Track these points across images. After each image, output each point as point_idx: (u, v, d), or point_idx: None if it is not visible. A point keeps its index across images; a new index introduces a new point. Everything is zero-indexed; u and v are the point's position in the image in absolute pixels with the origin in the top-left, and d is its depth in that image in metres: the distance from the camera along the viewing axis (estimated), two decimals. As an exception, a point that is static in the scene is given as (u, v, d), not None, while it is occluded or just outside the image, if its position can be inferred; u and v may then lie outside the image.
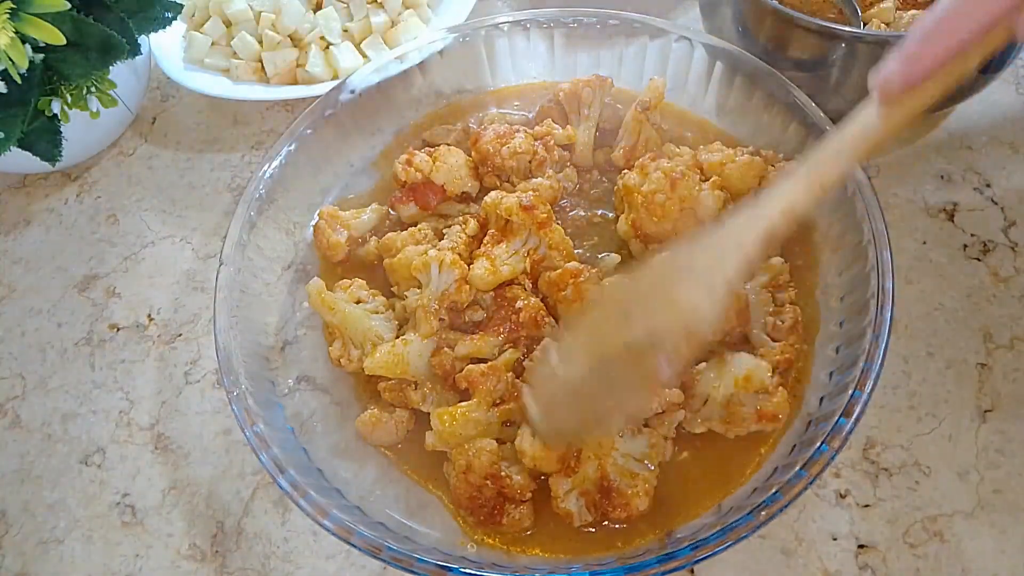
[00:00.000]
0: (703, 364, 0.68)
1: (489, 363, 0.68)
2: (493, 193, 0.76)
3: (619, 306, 0.61)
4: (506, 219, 0.73)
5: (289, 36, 0.98)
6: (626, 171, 0.78)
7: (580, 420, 0.61)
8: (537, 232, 0.73)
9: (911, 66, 0.51)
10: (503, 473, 0.64)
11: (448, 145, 0.84)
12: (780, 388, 0.67)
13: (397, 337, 0.72)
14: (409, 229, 0.78)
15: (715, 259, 0.56)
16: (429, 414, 0.68)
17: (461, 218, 0.78)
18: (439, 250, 0.72)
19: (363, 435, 0.70)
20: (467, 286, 0.71)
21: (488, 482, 0.64)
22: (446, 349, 0.70)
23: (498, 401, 0.67)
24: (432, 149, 0.82)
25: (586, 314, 0.64)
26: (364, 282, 0.76)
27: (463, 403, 0.67)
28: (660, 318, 0.56)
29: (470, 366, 0.68)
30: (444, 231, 0.77)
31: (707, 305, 0.55)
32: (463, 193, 0.82)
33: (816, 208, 0.57)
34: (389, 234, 0.79)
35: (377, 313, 0.74)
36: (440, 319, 0.71)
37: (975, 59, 0.51)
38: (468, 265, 0.72)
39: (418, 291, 0.72)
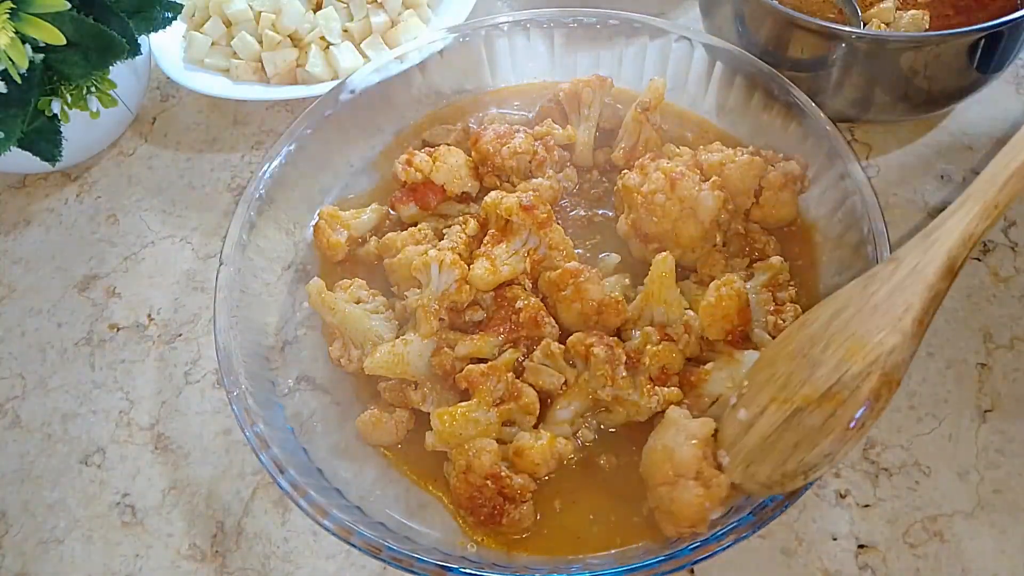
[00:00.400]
0: (711, 364, 0.68)
1: (489, 363, 0.68)
2: (493, 193, 0.76)
3: (802, 352, 0.59)
4: (506, 219, 0.73)
5: (289, 36, 0.98)
6: (626, 171, 0.78)
7: (783, 471, 0.57)
8: (537, 232, 0.73)
9: None
10: (503, 473, 0.64)
11: (448, 145, 0.84)
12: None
13: (397, 337, 0.72)
14: (409, 229, 0.78)
15: (898, 294, 0.54)
16: (429, 414, 0.68)
17: (461, 218, 0.78)
18: (439, 250, 0.72)
19: (363, 435, 0.70)
20: (467, 286, 0.71)
21: (488, 482, 0.64)
22: (446, 349, 0.70)
23: (498, 401, 0.67)
24: (432, 149, 0.82)
25: (769, 364, 0.62)
26: (364, 282, 0.76)
27: (463, 403, 0.67)
28: (851, 361, 0.54)
29: (470, 366, 0.68)
30: (444, 231, 0.77)
31: (899, 342, 0.52)
32: (463, 193, 0.82)
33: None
34: (389, 234, 0.79)
35: (377, 313, 0.74)
36: (440, 319, 0.71)
37: None
38: (468, 265, 0.72)
39: (418, 291, 0.72)
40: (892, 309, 0.54)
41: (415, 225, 0.80)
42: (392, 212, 0.83)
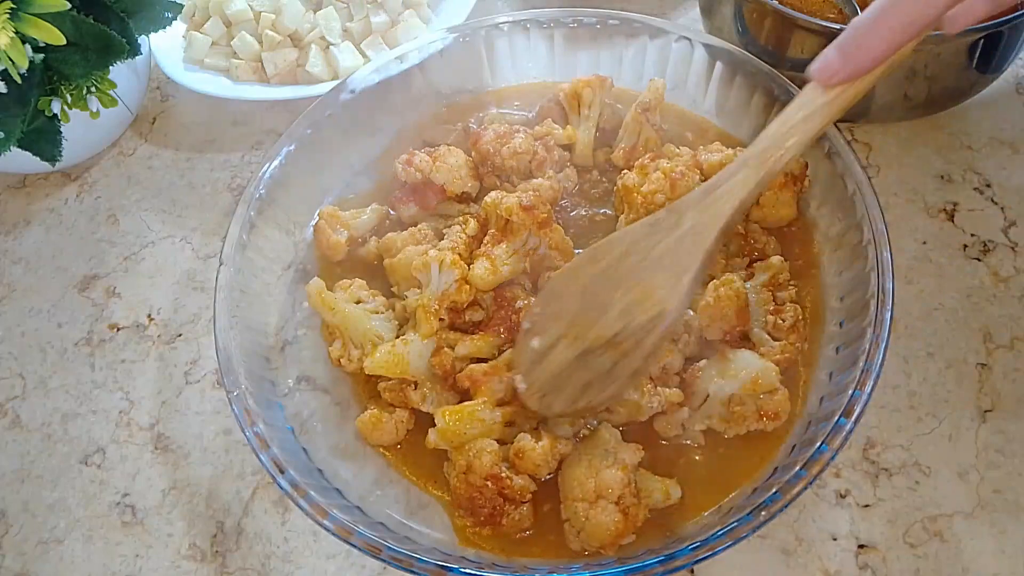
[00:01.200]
0: (704, 361, 0.68)
1: (491, 362, 0.68)
2: (493, 193, 0.76)
3: (592, 290, 0.64)
4: (506, 219, 0.73)
5: (289, 36, 0.98)
6: (626, 171, 0.78)
7: (575, 407, 0.63)
8: (537, 232, 0.73)
9: (849, 62, 0.55)
10: (503, 474, 0.64)
11: (448, 145, 0.84)
12: (781, 387, 0.67)
13: (397, 337, 0.71)
14: (409, 229, 0.78)
15: (678, 252, 0.60)
16: (428, 414, 0.68)
17: (461, 218, 0.78)
18: (439, 250, 0.72)
19: (363, 435, 0.70)
20: (467, 286, 0.71)
21: (488, 483, 0.64)
22: (446, 349, 0.70)
23: (501, 401, 0.67)
24: (432, 149, 0.82)
25: (558, 296, 0.66)
26: (364, 282, 0.76)
27: (469, 401, 0.67)
28: (637, 311, 0.60)
29: (472, 365, 0.68)
30: (444, 231, 0.77)
31: (677, 304, 0.59)
32: (463, 193, 0.82)
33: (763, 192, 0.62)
34: (389, 234, 0.79)
35: (377, 313, 0.74)
36: (440, 319, 0.70)
37: (911, 48, 0.55)
38: (468, 265, 0.72)
39: (418, 291, 0.72)
40: (673, 267, 0.60)
41: (415, 225, 0.80)
42: (392, 212, 0.83)
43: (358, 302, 0.75)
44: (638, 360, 0.61)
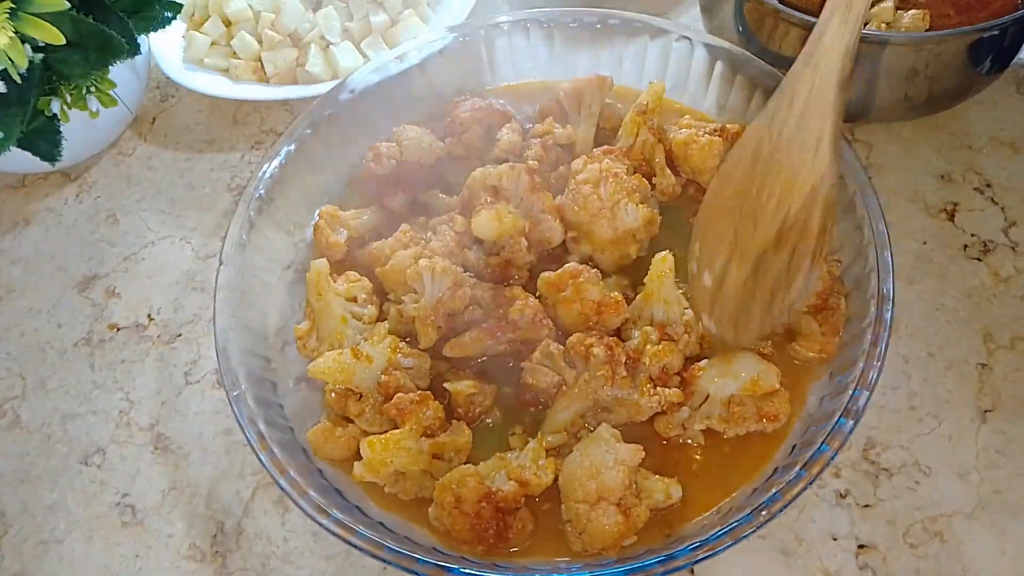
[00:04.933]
0: (704, 361, 0.68)
1: (420, 392, 0.67)
2: (479, 170, 0.76)
3: (737, 206, 0.62)
4: (494, 187, 0.73)
5: (289, 36, 0.98)
6: (579, 158, 0.78)
7: (772, 318, 0.63)
8: (530, 197, 0.73)
9: None
10: (493, 489, 0.63)
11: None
12: (781, 388, 0.67)
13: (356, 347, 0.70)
14: (395, 235, 0.78)
15: (805, 126, 0.58)
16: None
17: (447, 216, 0.78)
18: (430, 256, 0.71)
19: (314, 448, 0.68)
20: (460, 291, 0.70)
21: (483, 504, 0.62)
22: (395, 372, 0.68)
23: (428, 432, 0.66)
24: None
25: (711, 225, 0.65)
26: (371, 286, 0.76)
27: (394, 431, 0.65)
28: (789, 200, 0.57)
29: (400, 394, 0.67)
30: (430, 231, 0.77)
31: (826, 171, 0.56)
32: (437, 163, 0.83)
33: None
34: (374, 244, 0.78)
35: (358, 320, 0.73)
36: (438, 327, 0.70)
37: None
38: (459, 265, 0.72)
39: (415, 295, 0.72)
40: (806, 141, 0.58)
41: (410, 216, 0.80)
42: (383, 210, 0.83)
43: (352, 300, 0.74)
44: (811, 241, 0.58)
